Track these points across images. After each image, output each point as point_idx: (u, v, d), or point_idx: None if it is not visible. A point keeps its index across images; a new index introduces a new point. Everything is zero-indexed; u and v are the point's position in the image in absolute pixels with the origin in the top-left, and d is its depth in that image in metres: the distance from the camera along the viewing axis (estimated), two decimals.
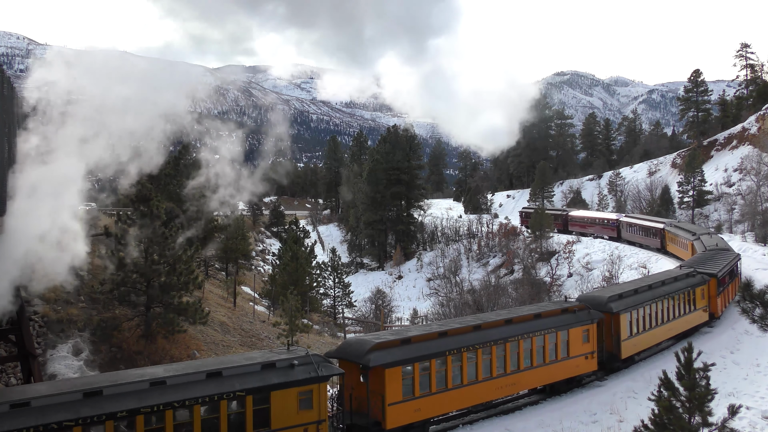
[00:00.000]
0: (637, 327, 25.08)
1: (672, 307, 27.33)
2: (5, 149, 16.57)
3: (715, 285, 30.31)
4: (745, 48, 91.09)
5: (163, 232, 25.33)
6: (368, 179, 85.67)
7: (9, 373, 21.65)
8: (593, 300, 24.76)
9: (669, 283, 27.98)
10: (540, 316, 21.81)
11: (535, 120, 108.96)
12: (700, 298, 29.26)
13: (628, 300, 24.94)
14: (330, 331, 43.75)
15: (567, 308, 22.88)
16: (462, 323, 20.95)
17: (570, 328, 22.20)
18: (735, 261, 35.15)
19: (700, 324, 29.63)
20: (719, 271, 31.04)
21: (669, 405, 10.72)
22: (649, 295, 26.19)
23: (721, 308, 31.35)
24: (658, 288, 27.03)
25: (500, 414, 20.87)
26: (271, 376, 15.36)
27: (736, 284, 33.78)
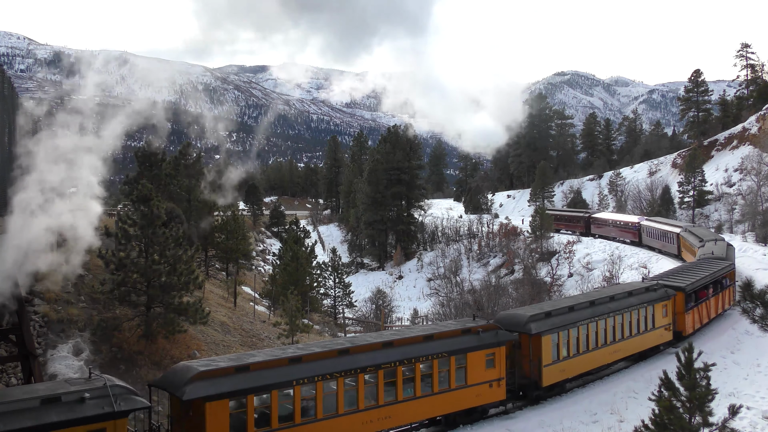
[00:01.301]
0: (567, 350, 22.20)
1: (621, 326, 24.75)
2: (6, 149, 16.57)
3: (683, 300, 27.63)
4: (746, 48, 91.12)
5: (163, 232, 25.33)
6: (369, 179, 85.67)
7: (9, 373, 21.67)
8: (511, 319, 21.98)
9: (620, 298, 25.46)
10: (432, 338, 19.04)
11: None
12: (660, 315, 26.73)
13: (556, 319, 22.11)
14: (330, 331, 43.76)
15: (470, 329, 19.85)
16: (326, 347, 17.94)
17: (469, 352, 19.32)
18: (722, 272, 32.33)
19: (662, 344, 27.16)
20: (689, 285, 28.32)
21: (669, 405, 10.72)
22: (588, 313, 23.39)
23: (693, 326, 28.58)
24: (603, 304, 24.45)
25: (500, 414, 20.86)
26: (51, 415, 12.84)
27: (724, 297, 31.80)
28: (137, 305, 25.61)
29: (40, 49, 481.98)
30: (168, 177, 47.54)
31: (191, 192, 48.07)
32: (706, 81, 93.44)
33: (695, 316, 28.87)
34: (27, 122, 21.48)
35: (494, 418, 20.51)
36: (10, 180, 17.29)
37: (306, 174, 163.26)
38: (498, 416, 20.63)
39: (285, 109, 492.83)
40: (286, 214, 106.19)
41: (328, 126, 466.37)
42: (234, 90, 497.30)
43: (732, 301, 32.79)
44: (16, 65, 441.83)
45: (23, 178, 19.29)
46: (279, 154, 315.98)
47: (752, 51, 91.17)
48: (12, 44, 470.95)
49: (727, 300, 32.65)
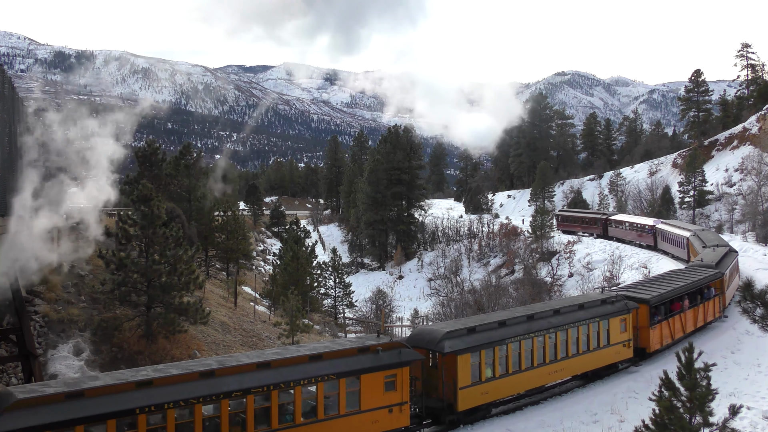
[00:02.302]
0: (492, 370, 19.92)
1: (565, 343, 22.25)
2: (6, 150, 16.58)
3: (647, 313, 25.17)
4: (746, 48, 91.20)
5: (163, 232, 25.33)
6: (369, 179, 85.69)
7: (10, 373, 21.67)
8: (425, 336, 19.49)
9: (567, 311, 22.86)
10: (320, 357, 16.40)
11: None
12: (617, 330, 24.02)
13: (480, 336, 19.72)
14: (331, 331, 43.76)
15: (367, 347, 17.42)
16: (188, 368, 15.17)
17: (364, 374, 16.87)
18: (704, 282, 29.87)
19: (620, 361, 24.58)
20: (655, 296, 25.77)
21: (670, 405, 10.72)
22: (523, 328, 21.01)
23: (661, 341, 26.08)
24: (543, 319, 21.85)
25: (501, 414, 20.85)
26: None
27: (706, 309, 29.64)
28: (137, 305, 25.63)
29: (40, 49, 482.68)
30: (168, 177, 47.62)
31: (191, 192, 48.13)
32: (706, 81, 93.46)
33: (664, 330, 26.25)
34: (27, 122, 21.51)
35: (495, 417, 20.48)
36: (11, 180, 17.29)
37: (306, 174, 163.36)
38: (498, 416, 20.61)
39: (285, 109, 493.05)
40: (286, 214, 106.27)
41: (329, 126, 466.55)
42: (234, 90, 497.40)
43: (719, 312, 31.01)
44: (17, 65, 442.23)
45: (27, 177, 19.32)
46: (279, 154, 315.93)
47: (752, 51, 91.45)
48: (12, 44, 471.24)
49: (711, 311, 30.29)
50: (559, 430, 19.24)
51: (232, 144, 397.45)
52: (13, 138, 17.33)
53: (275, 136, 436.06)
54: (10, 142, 16.94)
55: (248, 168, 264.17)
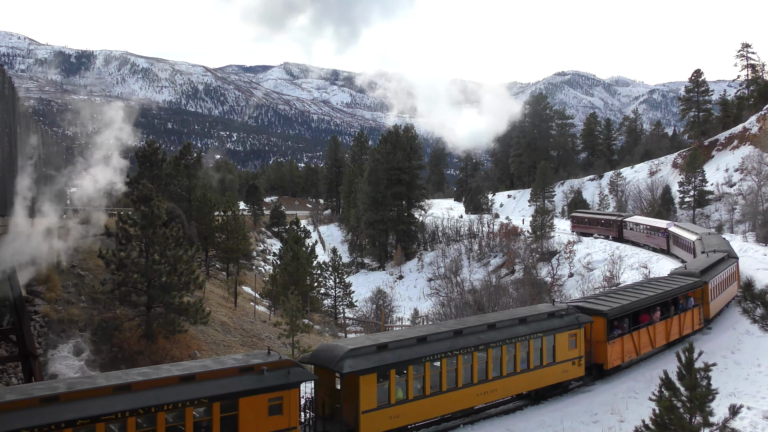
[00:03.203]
0: (405, 391, 17.96)
1: (499, 361, 20.18)
2: (7, 150, 16.58)
3: (603, 327, 23.13)
4: (746, 48, 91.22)
5: (163, 232, 25.33)
6: (369, 179, 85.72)
7: (10, 373, 21.67)
8: (326, 353, 17.57)
9: (504, 326, 20.66)
10: (192, 379, 14.56)
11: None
12: (565, 347, 21.93)
13: (392, 354, 17.68)
14: (331, 331, 43.76)
15: (252, 366, 15.54)
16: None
17: (244, 397, 15.04)
18: (679, 291, 27.78)
19: (570, 380, 22.49)
20: (614, 309, 23.64)
21: (670, 405, 10.72)
22: (446, 345, 18.84)
23: (622, 357, 24.05)
24: (473, 335, 19.72)
25: (501, 414, 20.85)
26: None
27: (683, 320, 27.61)
28: (138, 305, 25.63)
29: (40, 49, 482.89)
30: (168, 177, 47.66)
31: (191, 192, 48.17)
32: (706, 81, 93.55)
33: (626, 345, 24.25)
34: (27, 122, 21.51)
35: (494, 417, 20.48)
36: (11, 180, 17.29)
37: (306, 174, 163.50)
38: (498, 416, 20.60)
39: (285, 109, 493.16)
40: (286, 214, 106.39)
41: (329, 126, 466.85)
42: (234, 90, 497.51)
43: (699, 323, 28.97)
44: (17, 65, 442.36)
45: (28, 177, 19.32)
46: (279, 154, 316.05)
47: (753, 51, 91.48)
48: (12, 44, 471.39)
49: (689, 323, 28.24)
50: (559, 430, 19.24)
51: (232, 144, 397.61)
52: (13, 138, 17.33)
53: (275, 136, 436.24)
54: (10, 142, 16.94)
55: (248, 168, 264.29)
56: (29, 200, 20.30)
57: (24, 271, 21.48)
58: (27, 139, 19.89)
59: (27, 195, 19.73)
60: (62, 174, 30.90)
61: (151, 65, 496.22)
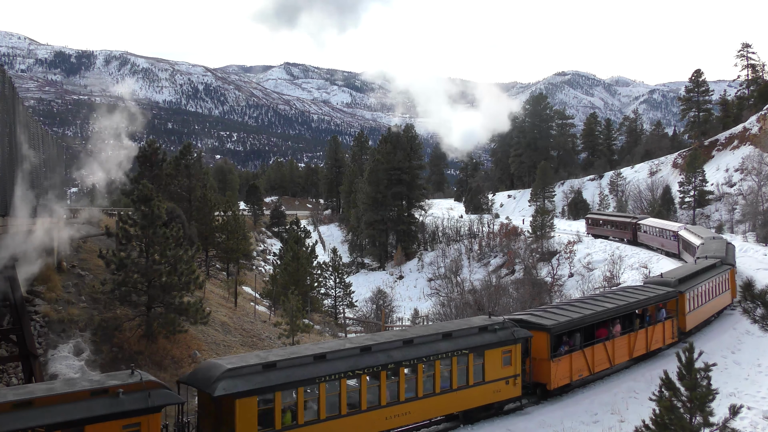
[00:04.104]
0: (295, 415, 16.06)
1: (415, 381, 18.32)
2: (7, 150, 16.58)
3: (546, 343, 21.19)
4: (747, 48, 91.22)
5: (163, 232, 25.34)
6: (369, 179, 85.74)
7: (10, 373, 21.68)
8: (202, 373, 15.93)
9: (423, 342, 18.86)
10: (30, 404, 12.81)
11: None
12: (497, 364, 20.04)
13: (278, 374, 15.85)
14: (331, 331, 43.76)
15: (106, 389, 13.84)
16: None
17: (91, 424, 13.30)
18: (649, 302, 25.91)
19: (504, 400, 20.52)
20: (560, 323, 21.65)
21: (670, 405, 10.72)
22: (350, 363, 17.02)
23: (570, 376, 22.07)
24: (383, 352, 17.88)
25: (501, 414, 20.85)
26: None
27: (651, 334, 25.67)
28: (138, 305, 25.63)
29: (40, 49, 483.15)
30: (168, 177, 47.68)
31: (191, 192, 48.18)
32: (706, 81, 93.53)
33: (575, 363, 22.22)
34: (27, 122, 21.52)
35: (495, 417, 20.48)
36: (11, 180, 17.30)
37: (306, 174, 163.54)
38: (499, 416, 20.59)
39: (285, 109, 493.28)
40: (286, 214, 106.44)
41: (329, 126, 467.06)
42: (234, 90, 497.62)
43: (672, 337, 27.17)
44: (17, 65, 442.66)
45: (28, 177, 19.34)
46: (279, 154, 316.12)
47: (753, 51, 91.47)
48: (12, 44, 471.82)
49: (659, 337, 26.36)
50: (559, 430, 19.24)
51: (232, 144, 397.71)
52: (13, 138, 17.34)
53: (275, 136, 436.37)
54: (10, 142, 16.95)
55: (248, 168, 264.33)
56: (29, 200, 20.32)
57: (24, 270, 21.49)
58: (27, 140, 19.91)
59: (27, 195, 19.74)
60: (62, 174, 30.92)
61: (151, 65, 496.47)
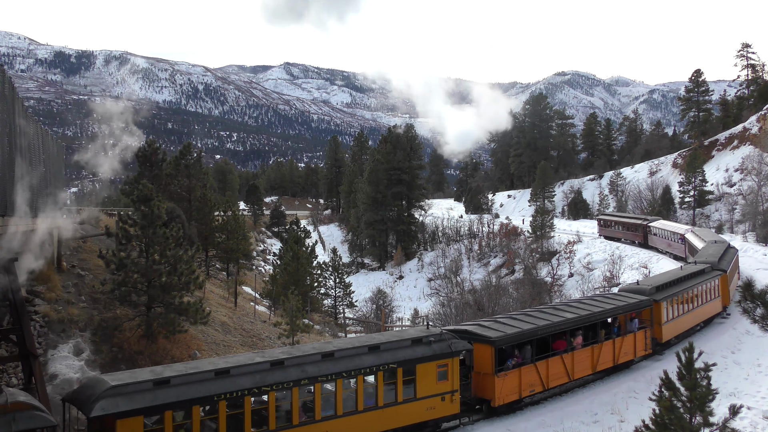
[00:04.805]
0: None
1: (329, 399, 16.81)
2: (6, 150, 16.58)
3: (490, 356, 19.75)
4: (746, 48, 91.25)
5: (164, 232, 25.33)
6: (369, 179, 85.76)
7: (10, 374, 21.68)
8: (85, 390, 14.77)
9: (345, 356, 17.27)
10: None
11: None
12: (431, 379, 18.49)
13: (170, 392, 14.61)
14: (331, 331, 43.76)
15: None
16: None
17: None
18: (614, 313, 24.45)
19: (436, 419, 18.86)
20: (506, 336, 20.24)
21: (670, 405, 10.72)
22: (252, 380, 15.57)
23: (519, 392, 20.48)
24: (296, 367, 16.33)
25: (501, 414, 20.85)
26: None
27: (620, 345, 24.20)
28: (138, 305, 25.62)
29: (40, 49, 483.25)
30: (168, 177, 47.67)
31: (191, 192, 48.17)
32: (706, 81, 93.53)
33: (524, 378, 20.65)
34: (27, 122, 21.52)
35: (494, 418, 20.47)
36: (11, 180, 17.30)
37: (306, 174, 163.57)
38: (498, 416, 20.58)
39: (285, 109, 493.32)
40: (286, 214, 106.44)
41: (329, 126, 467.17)
42: (234, 90, 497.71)
43: (645, 349, 25.64)
44: (17, 65, 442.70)
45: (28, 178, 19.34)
46: (279, 154, 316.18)
47: (753, 51, 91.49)
48: (12, 44, 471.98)
49: (629, 349, 24.82)
50: (559, 430, 19.25)
51: (232, 144, 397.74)
52: (13, 138, 17.35)
53: (275, 136, 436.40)
54: (10, 142, 16.95)
55: (248, 168, 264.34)
56: (29, 200, 20.31)
57: (24, 270, 21.49)
58: (27, 140, 19.91)
59: (27, 195, 19.73)
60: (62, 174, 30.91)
61: (151, 65, 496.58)
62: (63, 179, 34.94)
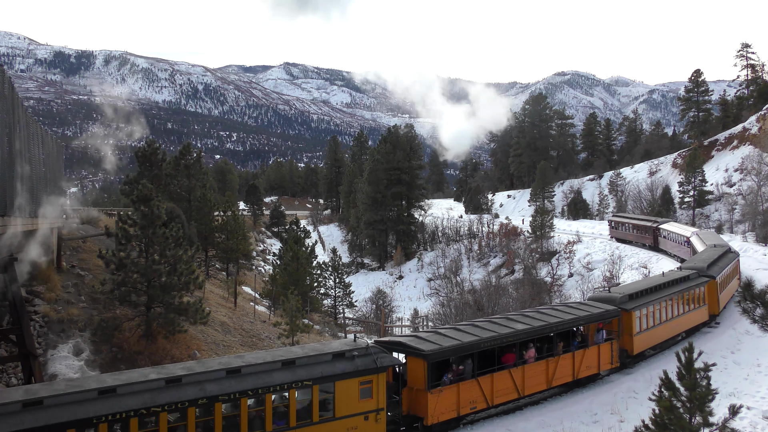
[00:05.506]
0: None
1: (230, 420, 14.91)
2: (6, 150, 16.58)
3: (423, 372, 18.33)
4: (746, 48, 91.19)
5: (163, 232, 25.33)
6: (369, 179, 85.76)
7: (10, 374, 21.68)
8: None
9: (254, 372, 15.63)
10: None
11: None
12: (353, 397, 16.93)
13: (43, 415, 12.69)
14: (331, 331, 43.77)
15: None
16: None
17: None
18: (573, 324, 22.86)
19: None
20: (444, 347, 18.73)
21: (670, 405, 10.72)
22: (139, 401, 13.75)
23: (458, 409, 19.11)
24: (194, 385, 14.62)
25: (501, 414, 20.85)
26: None
27: (581, 359, 22.69)
28: (137, 305, 25.62)
29: (40, 49, 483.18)
30: (168, 177, 47.67)
31: (191, 192, 48.17)
32: (706, 81, 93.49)
33: (463, 394, 19.12)
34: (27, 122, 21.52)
35: (494, 417, 20.48)
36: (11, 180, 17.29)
37: (306, 174, 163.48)
38: (499, 416, 20.59)
39: (285, 109, 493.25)
40: (286, 214, 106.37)
41: (329, 126, 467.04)
42: (234, 90, 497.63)
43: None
44: (17, 65, 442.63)
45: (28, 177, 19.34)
46: (279, 154, 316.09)
47: (752, 51, 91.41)
48: (12, 44, 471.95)
49: (592, 362, 23.22)
50: (559, 430, 19.24)
51: (232, 144, 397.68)
52: (13, 138, 17.34)
53: (275, 136, 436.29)
54: (10, 142, 16.94)
55: (248, 168, 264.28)
56: (29, 200, 20.31)
57: (23, 270, 21.49)
58: (26, 140, 19.91)
59: (27, 195, 19.73)
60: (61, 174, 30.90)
61: (151, 65, 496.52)
62: (63, 179, 34.94)
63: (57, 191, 28.86)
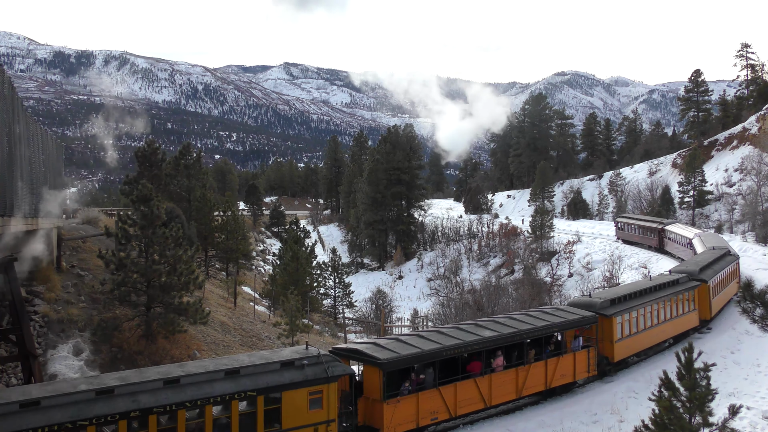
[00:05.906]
0: None
1: None
2: (6, 150, 16.58)
3: (378, 381, 17.62)
4: (746, 48, 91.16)
5: (163, 232, 25.33)
6: (369, 179, 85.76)
7: (9, 374, 21.68)
8: None
9: (194, 382, 14.62)
10: None
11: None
12: (302, 408, 16.03)
13: None
14: (330, 331, 43.75)
15: None
16: None
17: None
18: (546, 331, 21.82)
19: None
20: (403, 355, 17.93)
21: (670, 405, 10.72)
22: (66, 414, 12.76)
23: (421, 419, 18.35)
24: (127, 396, 13.60)
25: (501, 414, 20.86)
26: None
27: (555, 367, 21.92)
28: (137, 305, 25.62)
29: (40, 49, 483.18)
30: (168, 177, 47.69)
31: (191, 192, 48.18)
32: (706, 81, 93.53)
33: (423, 404, 18.32)
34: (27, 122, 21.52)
35: (494, 417, 20.49)
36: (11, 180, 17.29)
37: (306, 174, 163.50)
38: (499, 416, 20.60)
39: (285, 109, 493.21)
40: (286, 214, 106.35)
41: (329, 126, 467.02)
42: (234, 90, 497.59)
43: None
44: (16, 65, 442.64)
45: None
46: (279, 154, 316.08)
47: (752, 51, 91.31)
48: (12, 44, 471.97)
49: (567, 370, 22.42)
50: (559, 430, 19.25)
51: (231, 144, 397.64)
52: (13, 138, 17.35)
53: (275, 136, 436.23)
54: (10, 142, 16.95)
55: (248, 168, 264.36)
56: (29, 200, 20.31)
57: (23, 270, 21.49)
58: (26, 140, 19.91)
59: (26, 195, 19.73)
60: (61, 174, 30.90)
61: (151, 65, 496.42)
62: (62, 179, 34.95)
63: (57, 191, 28.86)
